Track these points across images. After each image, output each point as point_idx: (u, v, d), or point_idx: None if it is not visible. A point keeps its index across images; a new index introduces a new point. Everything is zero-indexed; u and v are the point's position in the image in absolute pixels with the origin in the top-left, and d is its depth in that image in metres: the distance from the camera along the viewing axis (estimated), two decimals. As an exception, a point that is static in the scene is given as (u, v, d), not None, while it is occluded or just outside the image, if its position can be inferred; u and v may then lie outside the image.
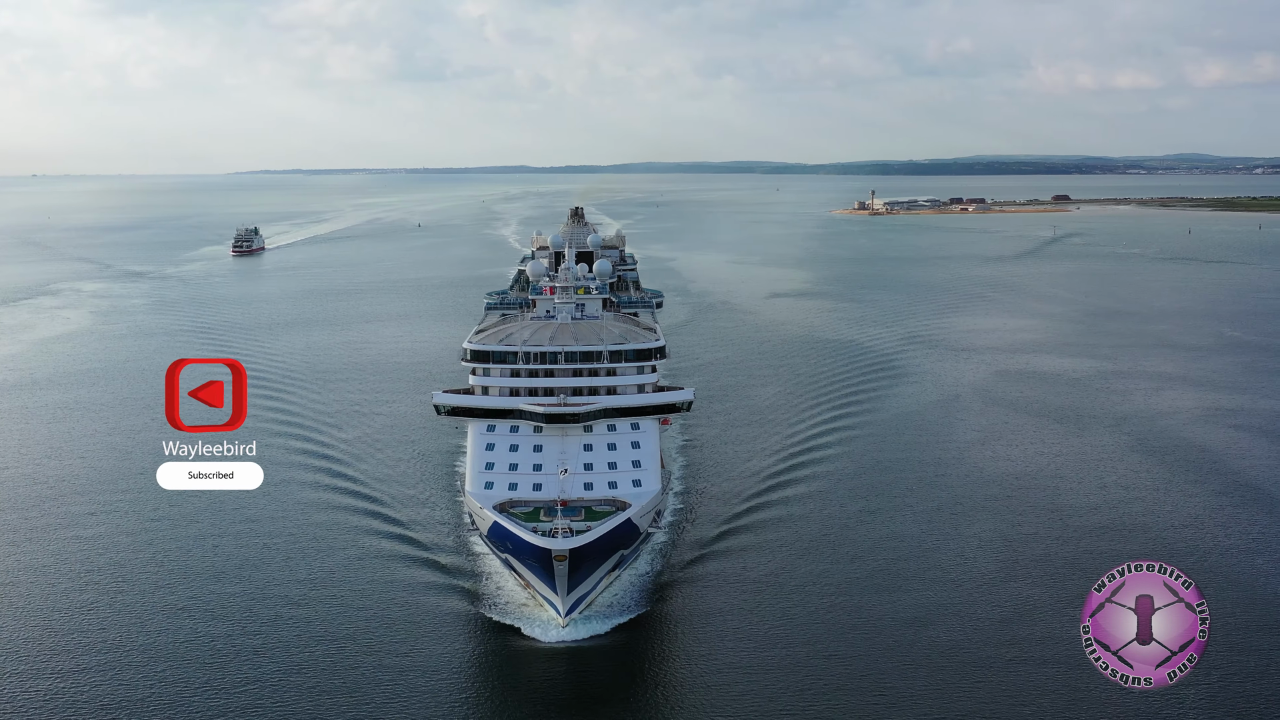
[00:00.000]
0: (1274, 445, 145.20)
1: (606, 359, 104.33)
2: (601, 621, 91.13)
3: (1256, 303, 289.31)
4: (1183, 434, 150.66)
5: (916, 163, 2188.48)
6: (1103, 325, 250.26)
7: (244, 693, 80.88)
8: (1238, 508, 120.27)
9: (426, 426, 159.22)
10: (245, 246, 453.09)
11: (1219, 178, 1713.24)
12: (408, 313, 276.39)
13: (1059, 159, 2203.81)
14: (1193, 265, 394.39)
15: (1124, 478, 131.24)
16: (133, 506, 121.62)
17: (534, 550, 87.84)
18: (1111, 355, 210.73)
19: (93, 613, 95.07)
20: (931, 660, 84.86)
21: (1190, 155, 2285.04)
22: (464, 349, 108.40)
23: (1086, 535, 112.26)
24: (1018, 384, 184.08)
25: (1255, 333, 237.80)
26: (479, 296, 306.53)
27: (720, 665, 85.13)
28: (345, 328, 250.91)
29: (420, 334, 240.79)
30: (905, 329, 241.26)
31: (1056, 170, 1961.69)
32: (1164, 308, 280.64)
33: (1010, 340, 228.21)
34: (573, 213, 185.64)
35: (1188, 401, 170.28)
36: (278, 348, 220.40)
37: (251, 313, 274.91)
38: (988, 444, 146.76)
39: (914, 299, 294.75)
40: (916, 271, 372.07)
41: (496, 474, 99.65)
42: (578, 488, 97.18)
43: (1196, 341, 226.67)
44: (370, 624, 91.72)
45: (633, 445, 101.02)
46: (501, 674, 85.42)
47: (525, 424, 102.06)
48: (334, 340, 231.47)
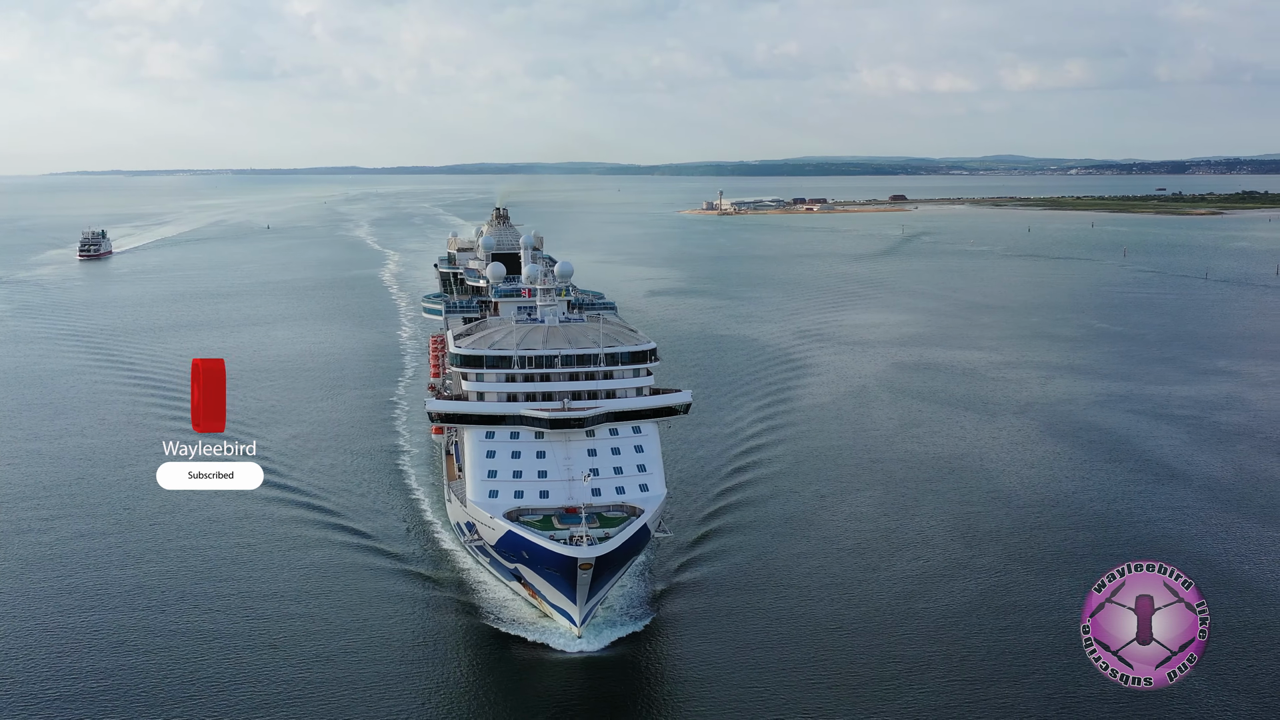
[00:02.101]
0: (1166, 427, 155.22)
1: (603, 362, 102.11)
2: (614, 629, 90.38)
3: (1111, 295, 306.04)
4: (1085, 419, 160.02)
5: (748, 164, 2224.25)
6: (978, 319, 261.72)
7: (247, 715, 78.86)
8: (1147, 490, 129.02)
9: (357, 426, 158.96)
10: (93, 250, 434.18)
11: (1037, 178, 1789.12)
12: (293, 315, 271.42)
13: (884, 160, 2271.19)
14: (1041, 261, 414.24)
15: (1042, 459, 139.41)
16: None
17: (557, 559, 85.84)
18: (995, 347, 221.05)
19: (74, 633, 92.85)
20: (932, 661, 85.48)
21: (1007, 157, 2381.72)
22: (453, 354, 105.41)
23: (1030, 521, 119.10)
24: (917, 375, 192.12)
25: (1119, 324, 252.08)
26: (357, 298, 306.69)
27: (733, 666, 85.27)
28: (235, 330, 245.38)
29: (315, 336, 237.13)
30: (795, 325, 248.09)
31: (883, 171, 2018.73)
32: (1029, 301, 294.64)
33: (897, 334, 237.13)
34: (496, 214, 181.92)
35: (1081, 389, 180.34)
36: (169, 351, 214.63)
37: (130, 317, 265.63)
38: (909, 431, 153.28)
39: (793, 296, 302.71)
40: (786, 269, 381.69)
41: (500, 482, 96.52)
42: (585, 493, 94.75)
43: (1069, 333, 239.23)
44: (364, 640, 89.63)
45: (636, 449, 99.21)
46: (521, 687, 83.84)
47: (525, 430, 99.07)
48: (228, 344, 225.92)
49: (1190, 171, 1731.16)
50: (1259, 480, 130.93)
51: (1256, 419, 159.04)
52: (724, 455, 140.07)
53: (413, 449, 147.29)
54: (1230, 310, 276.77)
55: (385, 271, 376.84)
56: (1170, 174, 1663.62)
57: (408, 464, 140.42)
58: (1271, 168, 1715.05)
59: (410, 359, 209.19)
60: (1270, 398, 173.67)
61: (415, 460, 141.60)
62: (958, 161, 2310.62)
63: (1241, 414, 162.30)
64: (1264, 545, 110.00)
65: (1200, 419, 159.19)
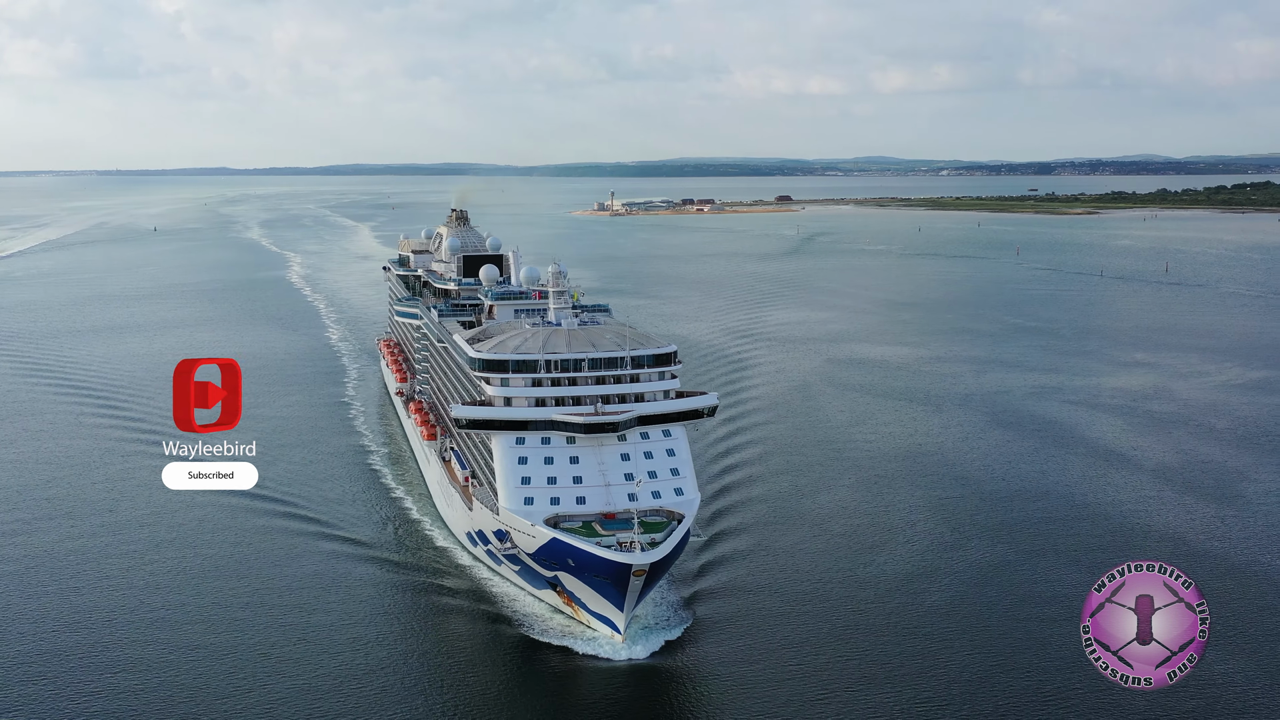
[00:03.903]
0: (1104, 416, 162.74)
1: (629, 365, 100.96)
2: (656, 635, 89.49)
3: (1015, 292, 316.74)
4: (1026, 410, 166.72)
5: (626, 165, 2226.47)
6: (896, 316, 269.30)
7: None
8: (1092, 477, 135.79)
9: (318, 428, 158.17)
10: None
11: (909, 179, 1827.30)
12: (214, 317, 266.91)
13: (761, 161, 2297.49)
14: (940, 260, 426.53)
15: (995, 447, 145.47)
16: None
17: (610, 566, 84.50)
18: (921, 343, 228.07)
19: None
20: (932, 660, 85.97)
21: (879, 158, 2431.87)
22: (474, 359, 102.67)
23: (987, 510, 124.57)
24: (855, 371, 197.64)
25: (1032, 319, 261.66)
26: (272, 300, 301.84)
27: (773, 668, 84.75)
28: (161, 333, 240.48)
29: (244, 338, 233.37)
30: (724, 324, 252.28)
31: (760, 172, 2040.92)
32: (939, 298, 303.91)
33: (824, 331, 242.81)
34: (455, 215, 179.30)
35: (1014, 381, 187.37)
36: (99, 356, 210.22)
37: (42, 321, 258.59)
38: (863, 426, 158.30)
39: (714, 295, 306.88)
40: (698, 269, 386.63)
41: (535, 489, 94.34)
42: (623, 499, 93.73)
43: (987, 328, 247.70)
44: (395, 653, 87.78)
45: (668, 453, 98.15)
46: (566, 697, 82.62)
47: (556, 435, 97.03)
48: (157, 346, 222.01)
49: (1056, 173, 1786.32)
50: (1202, 465, 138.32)
51: (1187, 408, 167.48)
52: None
53: (378, 449, 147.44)
54: (1132, 306, 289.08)
55: (292, 274, 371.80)
56: (1037, 175, 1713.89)
57: (379, 464, 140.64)
58: (1132, 169, 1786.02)
59: (348, 361, 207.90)
60: (1193, 387, 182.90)
61: (386, 460, 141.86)
62: (831, 163, 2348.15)
63: (1171, 403, 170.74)
64: (1216, 521, 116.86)
65: (1134, 408, 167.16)
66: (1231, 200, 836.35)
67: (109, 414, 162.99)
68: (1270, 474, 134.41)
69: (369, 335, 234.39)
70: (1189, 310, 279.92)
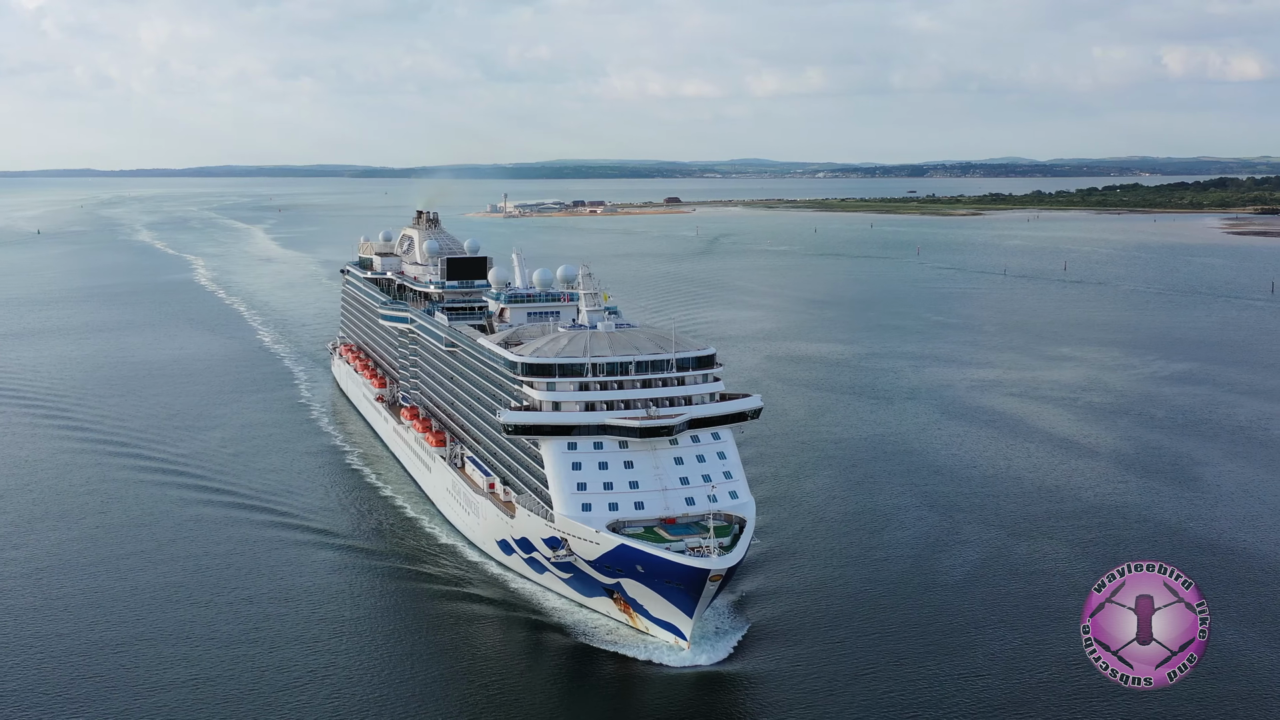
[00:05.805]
0: (1050, 408, 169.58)
1: (674, 367, 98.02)
2: (719, 641, 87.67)
3: (927, 290, 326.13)
4: (973, 402, 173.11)
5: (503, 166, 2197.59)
6: (821, 314, 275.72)
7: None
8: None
9: (284, 429, 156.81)
10: None
11: (787, 181, 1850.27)
12: (133, 322, 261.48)
13: (638, 163, 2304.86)
14: (845, 260, 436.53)
15: (958, 437, 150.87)
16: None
17: (685, 572, 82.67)
18: (852, 339, 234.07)
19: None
20: (929, 659, 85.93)
21: (754, 160, 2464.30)
22: (516, 363, 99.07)
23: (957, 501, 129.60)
24: (797, 367, 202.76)
25: (951, 316, 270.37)
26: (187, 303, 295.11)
27: (840, 674, 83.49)
28: (88, 337, 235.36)
29: (172, 342, 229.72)
30: (653, 325, 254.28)
31: (639, 174, 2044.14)
32: (857, 296, 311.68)
33: (756, 330, 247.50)
34: (424, 218, 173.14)
35: (953, 375, 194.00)
36: (28, 362, 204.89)
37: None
38: (823, 418, 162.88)
39: (638, 296, 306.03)
40: (612, 269, 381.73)
41: (592, 494, 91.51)
42: (679, 503, 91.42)
43: (911, 325, 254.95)
44: (459, 667, 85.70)
45: (719, 456, 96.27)
46: (633, 706, 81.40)
47: (608, 439, 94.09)
48: (85, 350, 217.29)
49: (928, 174, 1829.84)
50: (1155, 451, 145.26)
51: (1125, 399, 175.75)
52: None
53: (352, 449, 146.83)
54: (1043, 303, 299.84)
55: (200, 277, 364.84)
56: (911, 177, 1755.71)
57: (358, 463, 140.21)
58: (1001, 171, 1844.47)
59: (292, 364, 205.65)
60: (1125, 380, 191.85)
61: (365, 460, 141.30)
62: (708, 165, 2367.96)
63: (1108, 395, 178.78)
64: (1184, 503, 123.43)
65: (1075, 400, 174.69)
66: (1105, 201, 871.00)
67: (57, 420, 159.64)
68: (1218, 458, 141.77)
69: (303, 338, 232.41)
70: (1097, 307, 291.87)
